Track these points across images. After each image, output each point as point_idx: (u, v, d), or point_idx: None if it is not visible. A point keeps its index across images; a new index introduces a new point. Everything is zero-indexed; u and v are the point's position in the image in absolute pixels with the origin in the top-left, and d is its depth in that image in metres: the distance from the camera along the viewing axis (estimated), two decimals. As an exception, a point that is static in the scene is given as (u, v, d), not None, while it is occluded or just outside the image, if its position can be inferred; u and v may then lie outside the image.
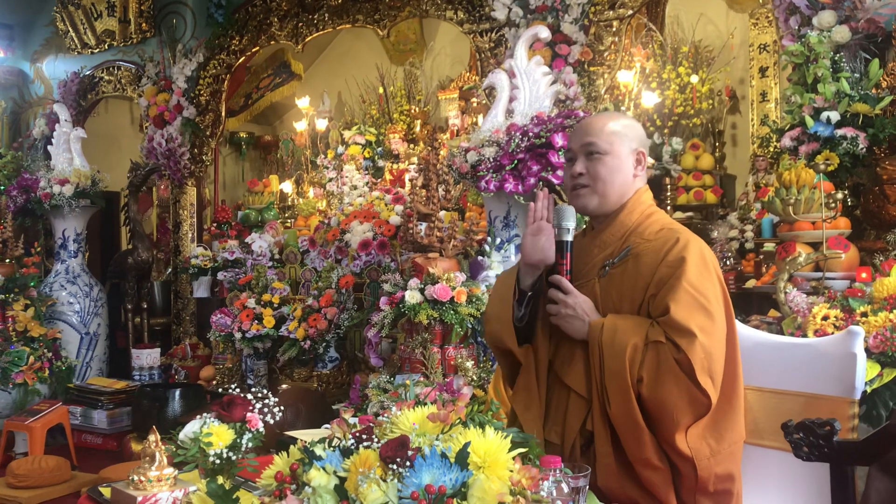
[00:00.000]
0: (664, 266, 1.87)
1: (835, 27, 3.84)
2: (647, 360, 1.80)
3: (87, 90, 7.22)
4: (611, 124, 2.04)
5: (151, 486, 1.84)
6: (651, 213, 2.03)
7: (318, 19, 6.05)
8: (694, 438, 1.80)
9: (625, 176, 2.02)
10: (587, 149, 2.02)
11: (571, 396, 1.94)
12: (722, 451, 1.83)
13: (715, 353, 1.80)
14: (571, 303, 1.92)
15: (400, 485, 1.20)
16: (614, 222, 2.02)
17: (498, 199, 4.03)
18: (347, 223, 5.15)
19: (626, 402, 1.81)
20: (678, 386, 1.77)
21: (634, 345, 1.81)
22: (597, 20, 4.76)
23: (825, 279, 3.53)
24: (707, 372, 1.77)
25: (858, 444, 1.66)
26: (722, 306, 1.87)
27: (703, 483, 1.81)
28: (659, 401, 1.79)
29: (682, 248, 1.87)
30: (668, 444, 1.80)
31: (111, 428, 4.91)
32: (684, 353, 1.76)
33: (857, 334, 2.24)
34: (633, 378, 1.80)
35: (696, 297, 1.81)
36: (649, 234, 1.96)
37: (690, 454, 1.79)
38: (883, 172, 3.73)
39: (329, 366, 4.80)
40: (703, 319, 1.80)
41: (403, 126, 7.59)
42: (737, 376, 1.89)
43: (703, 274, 1.85)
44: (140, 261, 6.26)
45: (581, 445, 1.91)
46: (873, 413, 2.88)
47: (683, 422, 1.79)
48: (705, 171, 6.26)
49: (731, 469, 1.86)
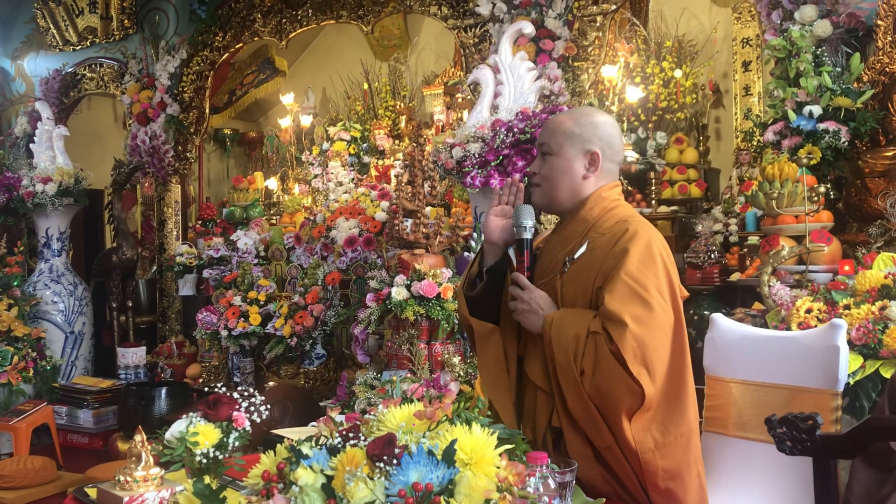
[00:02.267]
0: (610, 257, 1.88)
1: (816, 21, 3.87)
2: (587, 352, 1.81)
3: (69, 87, 7.16)
4: (567, 125, 2.05)
5: (138, 486, 1.84)
6: (613, 207, 2.03)
7: (302, 15, 6.03)
8: (638, 431, 1.81)
9: (572, 177, 2.04)
10: (542, 148, 2.09)
11: (539, 393, 1.96)
12: (668, 445, 1.82)
13: (651, 342, 1.78)
14: (527, 298, 1.94)
15: (387, 483, 1.20)
16: (575, 218, 2.05)
17: (483, 194, 4.04)
18: (333, 220, 5.14)
19: (579, 394, 1.82)
20: (614, 376, 1.77)
21: (576, 335, 1.82)
22: (581, 15, 4.77)
23: (808, 272, 3.56)
24: (641, 362, 1.76)
25: (841, 439, 1.68)
26: (667, 297, 1.86)
27: (651, 477, 1.81)
28: (600, 392, 1.80)
29: (628, 238, 1.87)
30: (618, 437, 1.81)
31: (97, 427, 4.89)
32: (615, 343, 1.77)
33: (840, 327, 2.26)
34: (577, 370, 1.82)
35: (633, 287, 1.81)
36: (605, 228, 1.97)
37: (635, 447, 1.80)
38: (865, 166, 3.77)
39: (316, 363, 4.79)
40: (638, 310, 1.79)
41: (388, 122, 7.58)
42: (685, 369, 1.88)
43: (645, 264, 1.84)
44: (125, 259, 6.22)
45: (552, 440, 1.92)
46: (856, 405, 2.91)
47: (623, 412, 1.79)
48: (689, 165, 6.28)
49: (679, 464, 1.84)
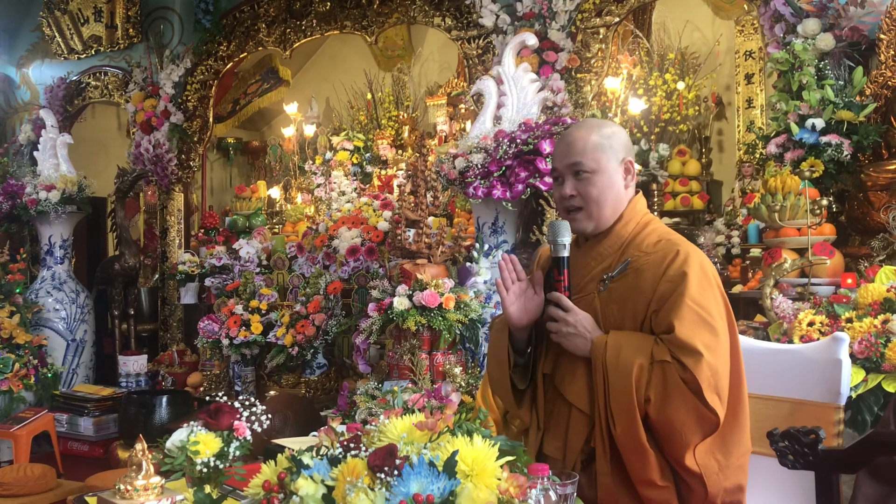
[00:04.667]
0: (665, 281, 1.84)
1: (819, 35, 3.88)
2: (653, 380, 1.77)
3: (73, 95, 7.19)
4: (593, 139, 1.97)
5: (138, 494, 1.83)
6: (647, 222, 1.99)
7: (306, 25, 6.06)
8: (702, 455, 1.79)
9: (616, 191, 1.97)
10: (573, 168, 1.97)
11: (573, 412, 1.91)
12: (731, 466, 1.82)
13: (721, 369, 1.78)
14: (572, 321, 1.89)
15: (388, 494, 1.20)
16: (610, 234, 1.98)
17: (486, 205, 4.04)
18: (335, 229, 5.14)
19: (632, 422, 1.78)
20: (686, 405, 1.75)
21: (640, 364, 1.78)
22: (584, 27, 4.78)
23: (811, 285, 3.56)
24: (714, 390, 1.75)
25: (843, 453, 1.67)
26: (724, 320, 1.85)
27: (713, 498, 1.80)
28: (667, 421, 1.77)
29: (682, 261, 1.84)
30: (676, 463, 1.79)
31: (97, 435, 4.89)
32: (691, 372, 1.74)
33: (843, 340, 2.25)
34: (639, 398, 1.78)
35: (700, 314, 1.79)
36: (647, 247, 1.92)
37: (699, 471, 1.77)
38: (867, 179, 3.76)
39: (317, 372, 4.79)
40: (708, 337, 1.78)
41: (392, 132, 7.58)
42: (742, 389, 1.87)
43: (705, 288, 1.83)
44: (127, 267, 6.23)
45: (582, 461, 1.89)
46: (858, 418, 2.90)
47: (693, 441, 1.77)
48: (692, 177, 6.29)
49: (740, 481, 1.85)
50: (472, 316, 3.67)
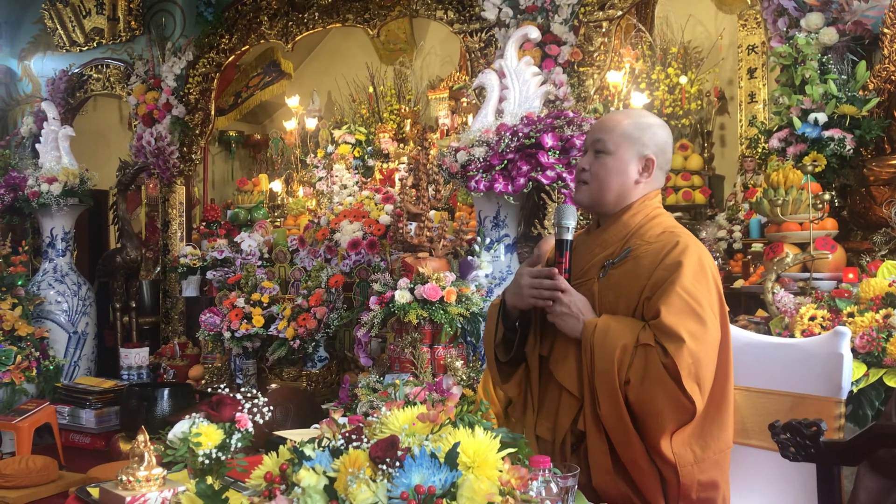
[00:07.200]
0: (661, 269, 1.85)
1: (822, 29, 3.87)
2: (634, 363, 1.79)
3: (75, 88, 7.18)
4: (625, 126, 2.00)
5: (140, 486, 1.83)
6: (655, 215, 2.01)
7: (309, 18, 6.05)
8: (678, 444, 1.80)
9: (624, 180, 1.99)
10: (595, 145, 2.01)
11: (563, 394, 1.94)
12: (707, 459, 1.82)
13: (704, 359, 1.78)
14: (567, 301, 1.91)
15: (389, 485, 1.20)
16: (617, 222, 2.01)
17: (488, 198, 4.04)
18: (337, 222, 5.14)
19: (615, 403, 1.80)
20: (664, 390, 1.76)
21: (624, 346, 1.80)
22: (586, 21, 4.77)
23: (812, 280, 3.55)
24: (694, 378, 1.76)
25: (845, 445, 1.67)
26: (716, 314, 1.86)
27: (686, 490, 1.80)
28: (644, 404, 1.78)
29: (680, 251, 1.86)
30: (652, 449, 1.80)
31: (99, 427, 4.90)
32: (671, 357, 1.75)
33: (844, 335, 2.25)
34: (620, 380, 1.80)
35: (689, 303, 1.80)
36: (650, 237, 1.95)
37: (674, 460, 1.79)
38: (870, 174, 3.76)
39: (318, 365, 4.79)
40: (694, 325, 1.78)
41: (393, 125, 7.58)
42: (727, 385, 1.88)
43: (699, 280, 1.84)
44: (129, 259, 6.23)
45: (572, 443, 1.91)
46: (859, 413, 2.90)
47: (668, 427, 1.78)
48: (694, 171, 6.28)
49: (715, 477, 1.84)
50: (473, 309, 3.67)
